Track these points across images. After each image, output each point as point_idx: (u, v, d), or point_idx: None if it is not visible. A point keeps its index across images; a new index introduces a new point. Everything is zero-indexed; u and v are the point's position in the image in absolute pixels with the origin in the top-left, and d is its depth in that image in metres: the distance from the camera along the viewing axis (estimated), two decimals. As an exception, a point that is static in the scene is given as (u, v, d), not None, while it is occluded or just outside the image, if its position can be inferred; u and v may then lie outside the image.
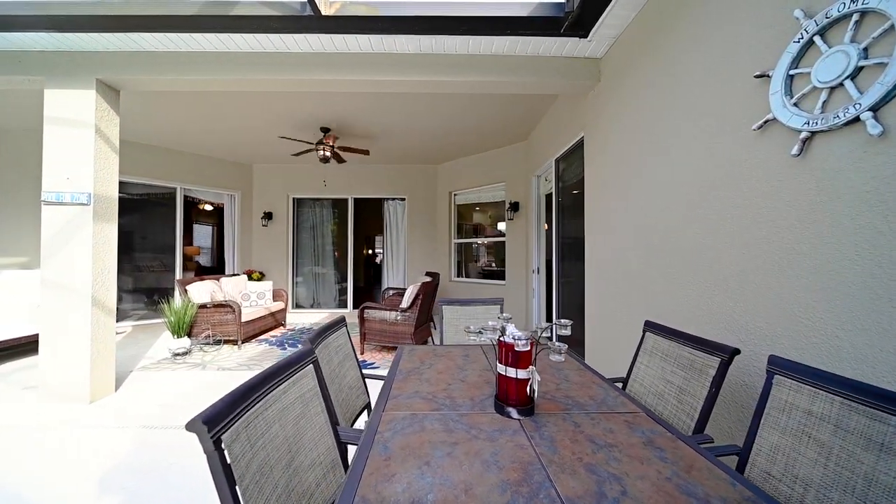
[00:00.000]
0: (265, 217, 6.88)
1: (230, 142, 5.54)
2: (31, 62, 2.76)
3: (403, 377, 1.41)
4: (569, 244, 3.71)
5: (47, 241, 2.76)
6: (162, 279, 6.13)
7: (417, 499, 0.70)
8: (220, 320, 4.38)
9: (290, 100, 3.94)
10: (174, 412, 2.61)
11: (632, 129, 2.26)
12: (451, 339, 2.34)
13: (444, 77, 2.78)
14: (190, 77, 2.81)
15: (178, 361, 3.82)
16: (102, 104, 2.83)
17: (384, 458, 0.84)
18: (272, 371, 0.90)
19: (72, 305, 2.74)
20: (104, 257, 2.86)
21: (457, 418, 1.05)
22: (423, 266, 6.72)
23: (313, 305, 7.19)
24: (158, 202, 6.00)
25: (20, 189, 5.09)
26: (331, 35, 2.53)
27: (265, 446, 0.78)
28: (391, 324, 4.02)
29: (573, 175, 3.57)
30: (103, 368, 2.87)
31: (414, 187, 6.82)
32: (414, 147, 5.70)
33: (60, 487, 1.77)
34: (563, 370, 1.49)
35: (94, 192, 2.76)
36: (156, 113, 4.36)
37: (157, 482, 1.82)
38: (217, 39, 2.59)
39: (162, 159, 5.74)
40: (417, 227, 6.82)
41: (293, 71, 2.77)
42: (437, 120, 4.55)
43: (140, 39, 2.63)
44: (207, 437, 0.64)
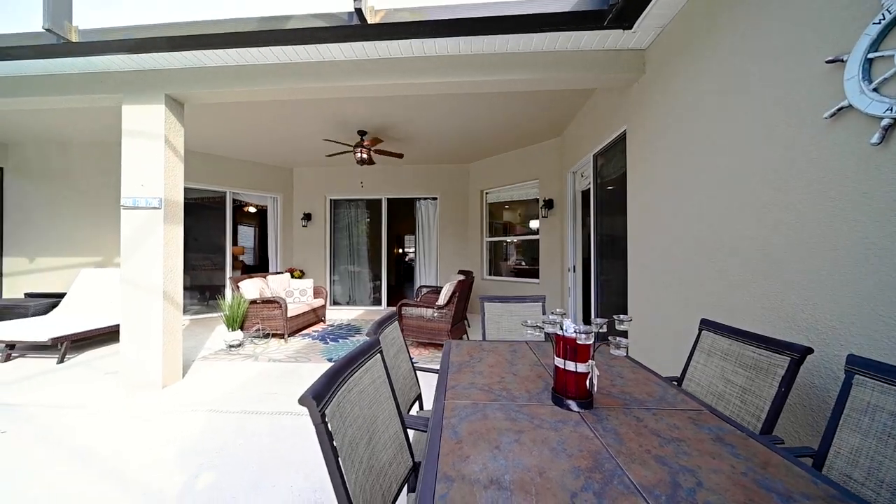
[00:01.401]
0: (305, 218, 7.23)
1: (273, 147, 5.88)
2: (111, 82, 3.09)
3: (457, 370, 1.47)
4: (608, 241, 3.62)
5: (126, 242, 3.08)
6: (213, 277, 6.61)
7: (495, 478, 0.75)
8: (269, 315, 4.67)
9: (331, 105, 4.13)
10: (235, 398, 2.83)
11: (683, 120, 2.18)
12: (492, 336, 2.38)
13: (482, 77, 2.81)
14: (245, 88, 3.02)
15: (233, 353, 4.12)
16: (170, 117, 3.12)
17: (455, 441, 0.90)
18: (351, 357, 0.98)
19: (146, 300, 3.04)
20: (173, 256, 3.15)
21: (517, 409, 1.09)
22: (455, 264, 6.79)
23: (349, 302, 7.47)
24: (210, 206, 6.48)
25: (97, 196, 5.68)
26: (374, 42, 2.63)
27: (352, 424, 0.86)
28: (428, 320, 4.11)
29: (613, 170, 3.49)
30: (173, 357, 3.17)
31: (446, 186, 6.90)
32: (446, 147, 5.78)
33: (146, 462, 2.00)
34: (616, 367, 1.49)
35: (164, 197, 3.05)
36: (208, 124, 4.71)
37: (227, 460, 2.00)
38: (270, 52, 2.77)
39: (213, 166, 6.19)
40: (449, 225, 6.90)
41: (337, 78, 2.91)
42: (469, 119, 4.58)
43: (203, 56, 2.87)
44: (317, 410, 0.72)
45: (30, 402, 2.78)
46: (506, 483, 0.73)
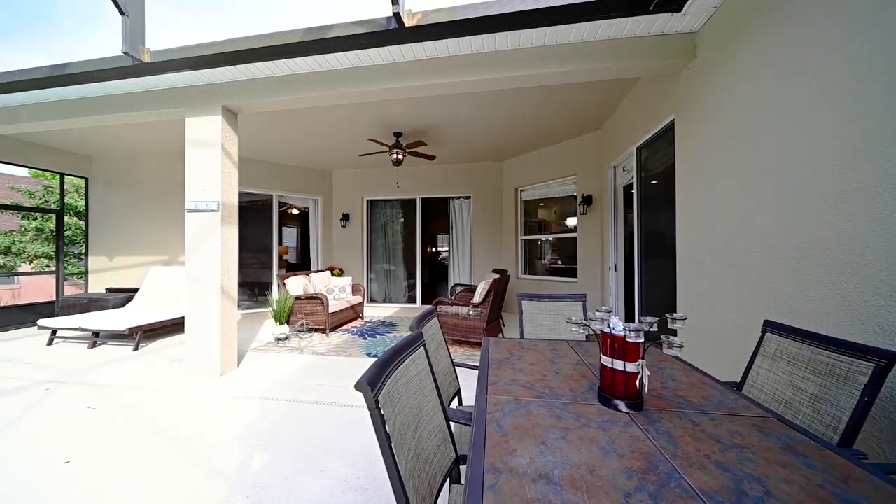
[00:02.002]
0: (343, 218, 7.54)
1: (314, 151, 6.19)
2: (176, 97, 3.41)
3: (497, 366, 1.47)
4: (653, 238, 3.43)
5: (189, 242, 3.39)
6: (262, 275, 7.08)
7: (544, 473, 0.74)
8: (312, 311, 4.93)
9: (369, 108, 4.27)
10: (284, 387, 3.02)
11: (742, 106, 2.02)
12: (529, 334, 2.34)
13: (518, 72, 2.77)
14: (291, 97, 3.21)
15: (280, 345, 4.40)
16: (226, 127, 3.39)
17: (500, 435, 0.91)
18: (397, 349, 1.02)
19: (207, 295, 3.33)
20: (229, 255, 3.43)
21: (561, 406, 1.08)
22: (489, 263, 6.75)
23: (385, 300, 7.68)
24: (258, 208, 6.95)
25: (164, 200, 6.30)
26: (411, 45, 2.69)
27: (401, 412, 0.90)
28: (463, 318, 4.13)
29: (659, 163, 3.29)
30: (229, 348, 3.45)
31: (479, 185, 6.88)
32: (480, 144, 5.76)
33: (210, 441, 2.19)
34: (667, 369, 1.41)
35: (221, 200, 3.32)
36: (257, 131, 5.05)
37: (277, 444, 2.14)
38: (314, 61, 2.92)
39: (261, 171, 6.63)
40: (483, 224, 6.87)
41: (375, 82, 3.01)
42: (504, 116, 4.54)
43: (253, 69, 3.08)
44: (371, 395, 0.77)
45: (113, 384, 3.15)
46: (555, 478, 0.73)
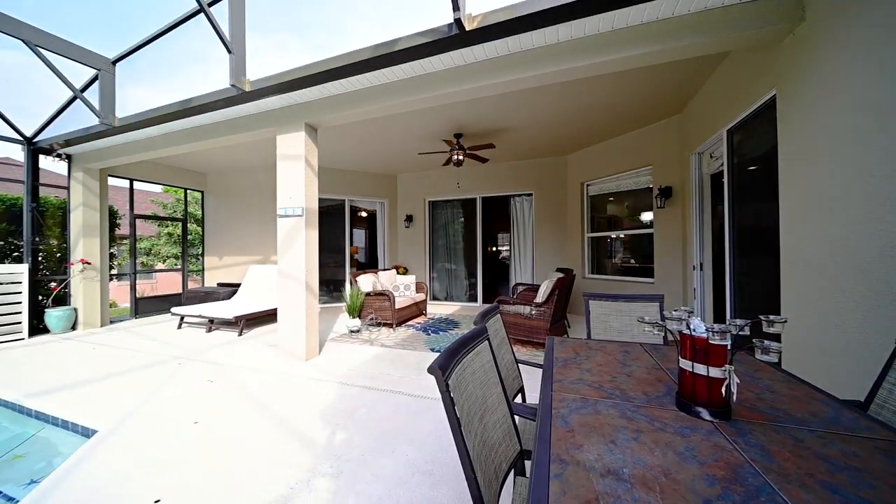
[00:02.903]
0: (407, 219, 7.91)
1: (380, 157, 6.61)
2: (269, 118, 3.94)
3: (562, 365, 1.45)
4: (749, 233, 3.00)
5: (280, 243, 3.90)
6: (336, 273, 7.78)
7: (613, 470, 0.74)
8: (380, 306, 5.28)
9: (430, 113, 4.43)
10: (358, 374, 3.31)
11: (870, 72, 1.68)
12: (598, 336, 2.23)
13: (583, 62, 2.65)
14: (361, 109, 3.50)
15: (353, 337, 4.80)
16: (308, 141, 3.81)
17: (566, 430, 0.91)
18: (463, 340, 1.08)
19: (295, 289, 3.79)
20: (312, 254, 3.86)
21: (633, 409, 1.03)
22: (553, 262, 6.51)
23: (447, 298, 7.87)
24: (332, 212, 7.64)
25: (259, 207, 7.29)
26: (471, 48, 2.74)
27: (468, 399, 0.95)
28: (525, 318, 4.07)
29: (756, 146, 2.87)
30: (312, 337, 3.88)
31: (541, 181, 6.68)
32: (541, 139, 5.59)
33: (299, 416, 2.51)
34: (763, 380, 1.25)
35: (305, 206, 3.75)
36: (331, 143, 5.56)
37: (354, 424, 2.36)
38: (382, 74, 3.14)
39: (334, 178, 7.28)
40: (546, 222, 6.65)
41: (438, 87, 3.13)
42: (568, 108, 4.35)
43: (330, 87, 3.42)
44: (442, 378, 0.84)
45: (224, 362, 3.76)
46: (625, 476, 0.72)
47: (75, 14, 25.06)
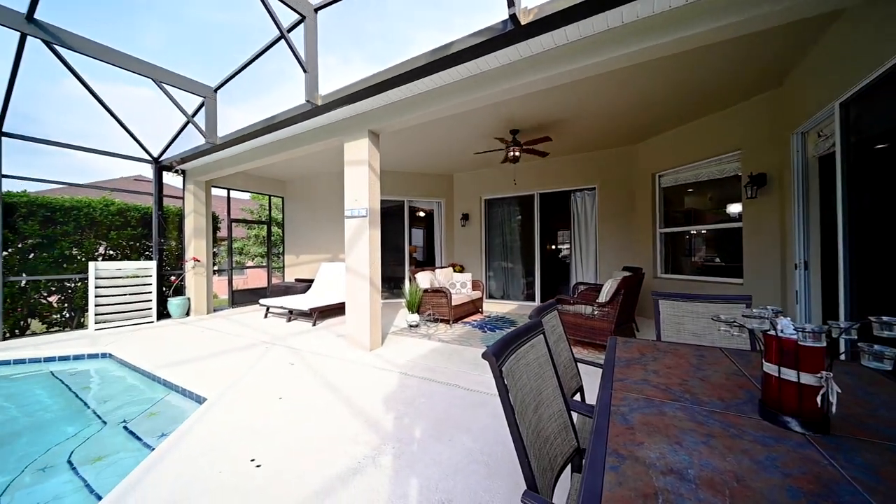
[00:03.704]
0: (463, 218, 8.01)
1: (436, 158, 6.79)
2: (338, 128, 4.30)
3: (625, 364, 1.38)
4: (870, 225, 2.50)
5: (348, 242, 4.24)
6: (396, 270, 8.18)
7: (677, 469, 0.70)
8: (437, 303, 5.44)
9: (486, 111, 4.44)
10: (417, 366, 3.47)
11: None
12: (670, 339, 2.06)
13: (653, 42, 2.44)
14: (419, 113, 3.65)
15: (412, 331, 5.02)
16: (372, 147, 4.09)
17: (626, 427, 0.88)
18: (517, 332, 1.10)
19: (361, 285, 4.10)
20: (375, 252, 4.13)
21: (705, 413, 0.96)
22: (619, 260, 6.08)
23: (503, 297, 7.80)
24: (392, 213, 8.05)
25: (328, 210, 7.99)
26: (527, 41, 2.69)
27: (521, 388, 0.97)
28: (587, 318, 3.88)
29: (880, 120, 2.38)
30: (376, 329, 4.16)
31: (606, 174, 6.26)
32: (606, 129, 5.25)
33: (366, 399, 2.72)
34: (879, 395, 1.06)
35: (369, 207, 4.03)
36: (391, 147, 5.86)
37: (415, 411, 2.50)
38: (438, 77, 3.24)
39: (394, 180, 7.65)
40: (611, 217, 6.23)
41: (494, 84, 3.13)
42: (637, 92, 4.02)
43: (390, 94, 3.62)
44: (496, 364, 0.88)
45: (301, 348, 4.21)
46: (689, 476, 0.68)
47: (184, 50, 29.76)
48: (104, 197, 5.96)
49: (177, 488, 1.73)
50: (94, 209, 5.67)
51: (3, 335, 4.76)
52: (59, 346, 4.42)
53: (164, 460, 1.97)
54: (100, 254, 5.83)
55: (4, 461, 2.38)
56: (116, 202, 6.01)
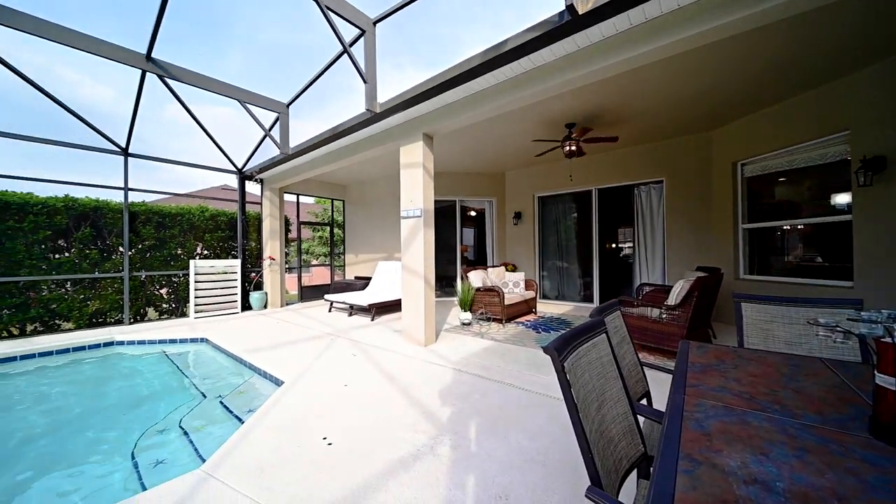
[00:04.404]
0: (515, 217, 7.88)
1: (488, 157, 6.77)
2: (394, 134, 4.52)
3: (700, 370, 1.28)
4: None
5: (403, 242, 4.43)
6: (448, 269, 8.32)
7: (762, 480, 0.65)
8: (489, 301, 5.44)
9: (538, 106, 4.33)
10: (471, 363, 3.52)
11: None
12: (756, 346, 1.84)
13: (732, 16, 2.20)
14: (472, 113, 3.68)
15: (465, 330, 5.09)
16: (426, 149, 4.23)
17: (701, 433, 0.83)
18: (578, 331, 1.09)
19: (416, 282, 4.26)
20: (429, 251, 4.27)
21: (799, 427, 0.86)
22: (691, 260, 5.52)
23: (558, 297, 7.52)
24: (444, 213, 8.20)
25: (384, 211, 8.40)
26: (585, 31, 2.59)
27: (583, 386, 0.96)
28: (653, 322, 3.60)
29: None
30: (430, 325, 4.29)
31: (674, 166, 5.73)
32: (675, 116, 4.81)
33: (421, 390, 2.84)
34: None
35: (423, 207, 4.17)
36: (443, 149, 5.98)
37: (468, 406, 2.55)
38: (491, 76, 3.25)
39: (446, 181, 7.78)
40: (681, 213, 5.69)
41: (549, 79, 3.05)
42: (713, 72, 3.62)
43: (443, 97, 3.71)
44: (558, 359, 0.88)
45: (363, 341, 4.50)
46: (778, 489, 0.63)
47: (258, 69, 33.20)
48: (200, 204, 6.93)
49: (264, 457, 1.98)
50: (194, 215, 6.62)
51: (130, 320, 5.79)
52: (168, 331, 5.26)
53: (252, 432, 2.26)
54: (198, 253, 6.79)
55: (134, 422, 2.91)
56: (209, 209, 6.95)
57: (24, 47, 4.29)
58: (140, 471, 2.27)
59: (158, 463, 2.36)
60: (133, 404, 3.34)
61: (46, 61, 7.65)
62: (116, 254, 5.76)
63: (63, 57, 6.80)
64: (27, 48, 4.21)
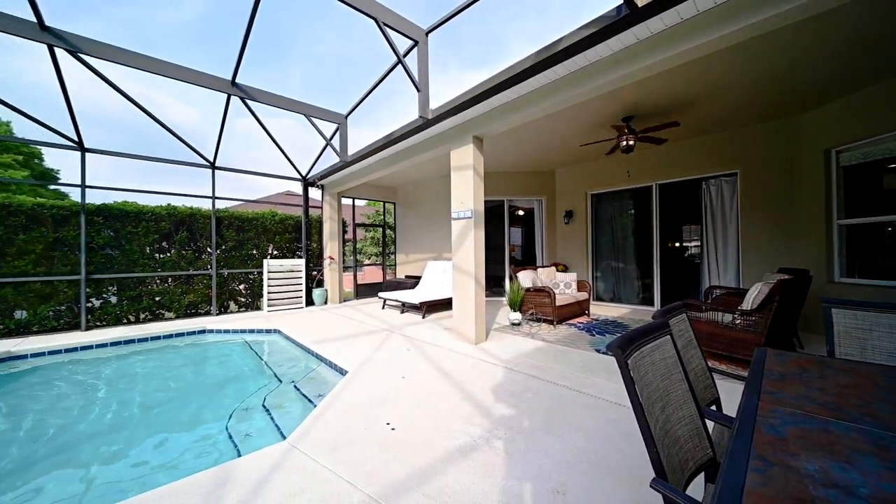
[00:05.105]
0: (566, 216, 7.65)
1: (537, 156, 6.66)
2: (445, 137, 4.67)
3: (778, 378, 1.21)
4: None
5: (454, 242, 4.56)
6: (496, 269, 8.32)
7: (843, 485, 0.64)
8: (540, 302, 5.37)
9: (594, 101, 4.19)
10: (522, 363, 3.54)
11: None
12: (850, 357, 1.66)
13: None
14: (524, 113, 3.69)
15: (514, 330, 5.08)
16: (476, 152, 4.31)
17: (776, 437, 0.82)
18: (641, 331, 1.10)
19: (466, 282, 4.37)
20: (479, 251, 4.35)
21: (894, 440, 0.81)
22: (770, 261, 4.96)
23: (613, 300, 7.16)
24: (492, 213, 8.21)
25: (433, 212, 8.64)
26: (644, 23, 2.49)
27: (647, 385, 0.99)
28: (724, 328, 3.33)
29: None
30: (480, 324, 4.37)
31: (751, 156, 5.18)
32: (751, 102, 4.37)
33: (474, 385, 2.93)
34: None
35: (473, 209, 4.26)
36: (491, 150, 6.01)
37: (522, 404, 2.58)
38: (543, 77, 3.24)
39: (494, 181, 7.78)
40: (759, 208, 5.13)
41: (604, 74, 2.97)
42: (792, 52, 3.25)
43: (493, 100, 3.75)
44: (622, 356, 0.92)
45: (415, 337, 4.72)
46: (861, 494, 0.62)
47: (317, 83, 35.68)
48: (271, 209, 7.72)
49: (336, 436, 2.22)
50: (266, 219, 7.40)
51: (217, 312, 6.64)
52: (246, 322, 5.96)
53: (325, 414, 2.52)
54: (269, 253, 7.57)
55: (224, 400, 3.38)
56: (278, 213, 7.71)
57: (126, 77, 5.11)
58: (234, 439, 2.66)
59: (246, 436, 2.73)
60: (223, 383, 3.87)
61: (143, 89, 9.05)
62: (205, 254, 6.65)
63: (157, 84, 8.14)
64: (129, 78, 5.01)
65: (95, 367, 4.28)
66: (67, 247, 5.32)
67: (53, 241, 5.21)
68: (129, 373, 4.17)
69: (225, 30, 4.69)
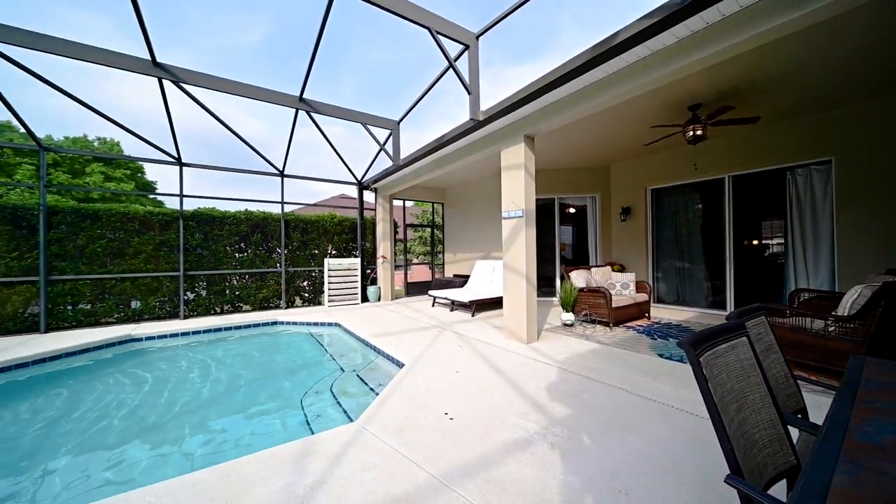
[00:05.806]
0: (623, 212, 7.25)
1: (590, 151, 6.41)
2: (495, 138, 4.71)
3: (876, 388, 1.11)
4: None
5: (505, 241, 4.59)
6: (546, 269, 8.13)
7: (952, 495, 0.61)
8: (594, 303, 5.19)
9: (657, 92, 3.95)
10: (576, 364, 3.48)
11: None
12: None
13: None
14: (578, 109, 3.61)
15: (567, 330, 4.97)
16: (527, 150, 4.30)
17: (871, 444, 0.78)
18: (714, 331, 1.08)
19: (517, 281, 4.38)
20: (530, 250, 4.33)
21: None
22: (874, 261, 4.29)
23: (676, 302, 6.64)
24: (542, 211, 8.04)
25: (481, 212, 8.69)
26: (716, 5, 2.33)
27: (721, 384, 0.98)
28: (815, 336, 2.97)
29: None
30: (532, 323, 4.36)
31: (850, 141, 4.52)
32: (849, 79, 3.81)
33: (528, 383, 2.96)
34: None
35: (525, 208, 4.26)
36: (540, 145, 5.90)
37: (578, 405, 2.56)
38: (600, 70, 3.15)
39: (544, 179, 7.63)
40: (858, 201, 4.46)
41: (669, 63, 2.81)
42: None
43: (545, 98, 3.72)
44: (694, 353, 0.93)
45: (466, 334, 4.83)
46: (974, 505, 0.59)
47: (369, 90, 37.47)
48: (330, 212, 8.33)
49: (400, 420, 2.40)
50: (326, 221, 8.01)
51: (286, 306, 7.35)
52: (310, 315, 6.52)
53: (388, 401, 2.73)
54: (329, 252, 8.18)
55: (298, 385, 3.77)
56: (336, 216, 8.29)
57: (206, 96, 5.78)
58: (308, 420, 2.98)
59: (318, 416, 3.03)
60: (294, 369, 4.30)
61: (219, 106, 10.22)
62: (275, 253, 7.38)
63: (231, 101, 9.31)
64: (208, 97, 5.66)
65: (196, 350, 5.01)
66: (168, 247, 6.25)
67: (159, 243, 6.16)
68: (231, 354, 4.86)
69: (288, 48, 5.29)
